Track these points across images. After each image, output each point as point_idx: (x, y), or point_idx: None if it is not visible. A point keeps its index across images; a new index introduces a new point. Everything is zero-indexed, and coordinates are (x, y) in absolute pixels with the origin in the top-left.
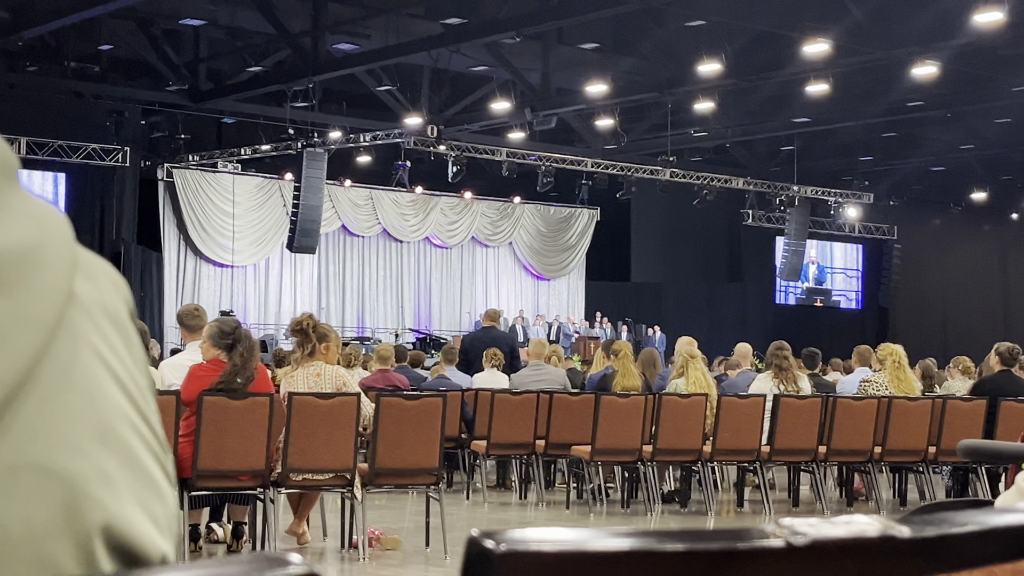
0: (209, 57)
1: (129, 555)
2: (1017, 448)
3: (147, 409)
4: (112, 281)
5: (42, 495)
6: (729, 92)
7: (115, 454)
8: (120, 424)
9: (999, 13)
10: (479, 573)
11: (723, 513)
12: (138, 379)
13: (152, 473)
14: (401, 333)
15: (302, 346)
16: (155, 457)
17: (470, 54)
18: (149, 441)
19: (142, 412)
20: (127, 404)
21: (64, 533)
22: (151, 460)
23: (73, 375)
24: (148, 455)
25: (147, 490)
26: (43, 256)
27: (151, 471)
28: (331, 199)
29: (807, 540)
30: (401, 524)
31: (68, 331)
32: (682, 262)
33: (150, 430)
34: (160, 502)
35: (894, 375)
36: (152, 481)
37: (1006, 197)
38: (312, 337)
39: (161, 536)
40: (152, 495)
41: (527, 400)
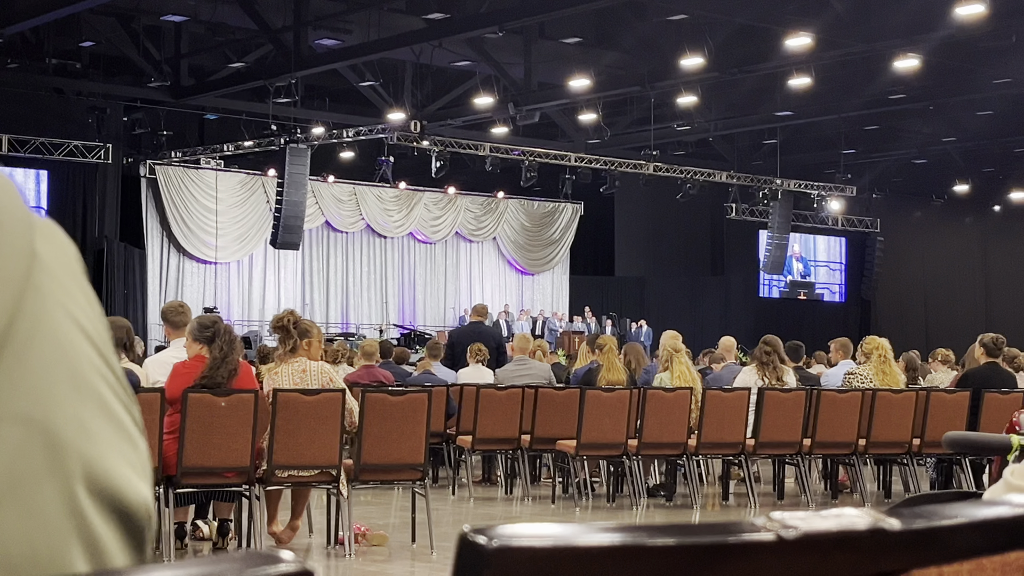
0: (191, 53)
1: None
2: (1002, 440)
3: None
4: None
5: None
6: (711, 86)
7: (89, 403)
8: (91, 374)
9: (980, 6)
10: (471, 569)
11: (708, 506)
12: (101, 331)
13: (123, 420)
14: (385, 329)
15: (284, 343)
16: (123, 405)
17: (452, 49)
18: (117, 389)
19: (108, 362)
20: (95, 354)
21: (47, 479)
22: (120, 408)
23: (44, 329)
24: (117, 403)
25: (120, 436)
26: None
27: (121, 418)
28: (314, 195)
29: (798, 533)
30: (387, 520)
31: (35, 288)
32: (666, 256)
33: (116, 379)
34: (132, 447)
35: (879, 368)
36: (123, 427)
37: (988, 189)
38: (293, 333)
39: (140, 480)
40: (124, 441)
41: (512, 395)
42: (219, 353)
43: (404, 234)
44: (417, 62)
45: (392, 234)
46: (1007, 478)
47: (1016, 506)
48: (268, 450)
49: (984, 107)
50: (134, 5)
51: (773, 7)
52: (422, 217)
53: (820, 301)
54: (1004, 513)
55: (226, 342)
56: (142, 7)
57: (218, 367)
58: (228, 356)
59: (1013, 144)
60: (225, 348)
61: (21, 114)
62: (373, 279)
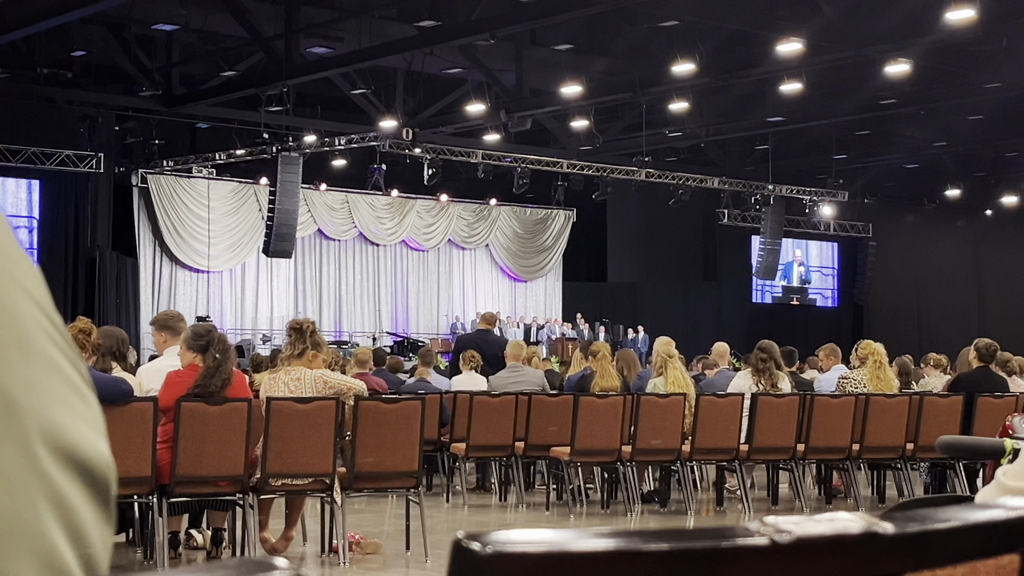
0: (182, 62)
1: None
2: (995, 444)
3: (55, 317)
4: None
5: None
6: (703, 92)
7: (38, 362)
8: (36, 332)
9: (970, 10)
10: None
11: (702, 512)
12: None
13: (72, 377)
14: (378, 337)
15: (294, 346)
16: (71, 362)
17: (444, 56)
18: (62, 346)
19: (51, 319)
20: (38, 312)
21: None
22: (68, 365)
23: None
24: (65, 361)
25: (72, 393)
26: None
27: (71, 375)
28: (307, 203)
29: (791, 538)
30: (381, 528)
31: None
32: (658, 262)
33: (60, 336)
34: (85, 404)
35: (874, 373)
36: (74, 385)
37: (980, 193)
38: (307, 340)
39: (96, 435)
40: (77, 398)
41: (506, 402)
42: (213, 362)
43: (397, 242)
44: (409, 69)
45: (385, 242)
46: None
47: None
48: (262, 458)
49: (975, 111)
50: (125, 14)
51: (764, 13)
52: (415, 225)
53: (813, 306)
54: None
55: (220, 351)
56: (133, 16)
57: (212, 376)
58: (222, 365)
59: (1004, 148)
60: (219, 357)
61: (12, 124)
62: (366, 287)
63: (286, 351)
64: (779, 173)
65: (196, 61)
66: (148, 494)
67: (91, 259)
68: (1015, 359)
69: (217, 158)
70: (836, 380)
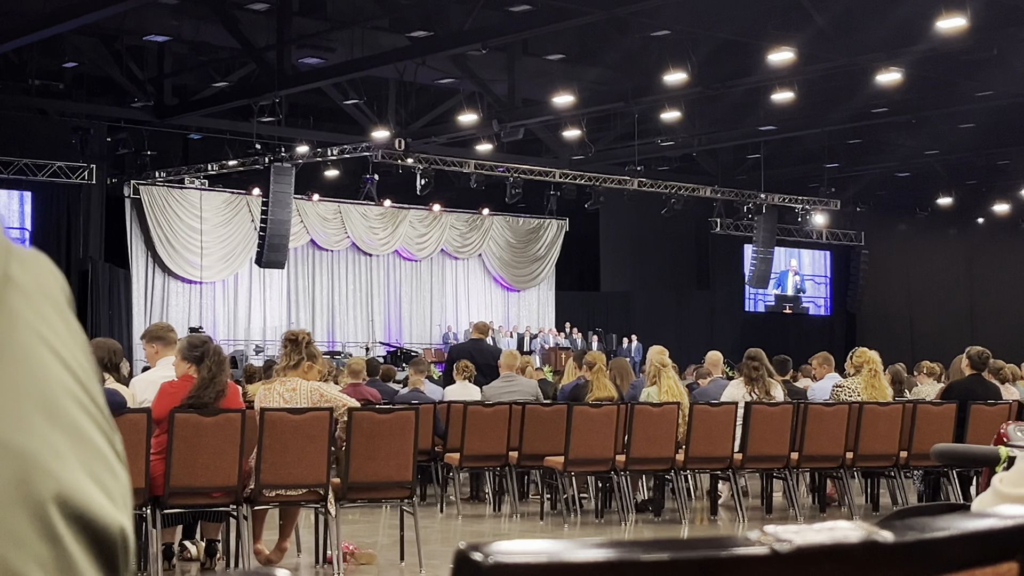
0: (174, 73)
1: (86, 524)
2: (990, 451)
3: (92, 388)
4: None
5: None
6: (695, 101)
7: (62, 428)
8: (65, 399)
9: (961, 19)
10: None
11: (697, 521)
12: (81, 360)
13: (101, 448)
14: (372, 347)
15: (289, 356)
16: (103, 434)
17: (436, 66)
18: (96, 418)
19: (87, 390)
20: (71, 380)
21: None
22: (100, 436)
23: (13, 351)
24: (96, 431)
25: (97, 464)
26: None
27: (100, 446)
28: (299, 214)
29: (791, 547)
30: (375, 538)
31: (6, 312)
32: (651, 271)
33: (97, 408)
34: (112, 476)
35: (869, 382)
36: (102, 455)
37: (971, 202)
38: (302, 351)
39: (116, 508)
40: (103, 469)
41: (499, 412)
42: (207, 373)
43: (389, 252)
44: (401, 80)
45: (377, 252)
46: (996, 487)
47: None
48: (255, 469)
49: (967, 120)
50: (117, 25)
51: (755, 22)
52: (407, 234)
53: (806, 315)
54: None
55: (215, 362)
56: (125, 27)
57: (206, 387)
58: (216, 377)
59: (996, 156)
60: (214, 368)
61: (4, 135)
62: (359, 297)
63: (281, 362)
64: (771, 182)
65: (188, 72)
66: (142, 506)
67: (83, 271)
68: (1008, 367)
69: (209, 169)
70: (830, 388)
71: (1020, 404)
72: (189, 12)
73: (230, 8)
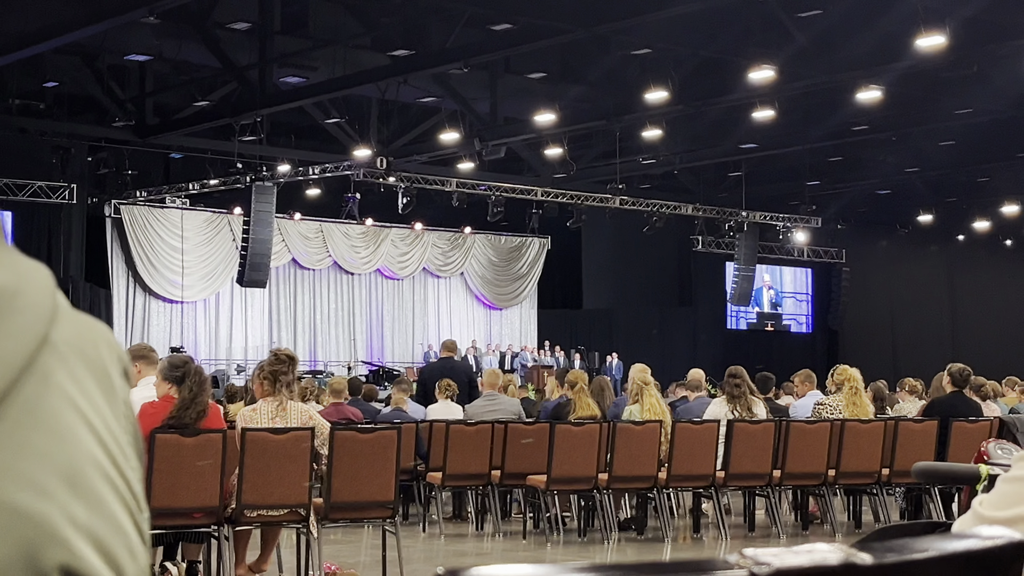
0: (155, 92)
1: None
2: (970, 470)
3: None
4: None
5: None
6: (676, 119)
7: (83, 499)
8: (90, 470)
9: (941, 37)
10: None
11: (679, 539)
12: (116, 432)
13: (123, 524)
14: (354, 366)
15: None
16: (127, 510)
17: (418, 85)
18: (123, 493)
19: (116, 464)
20: (100, 453)
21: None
22: (123, 512)
23: (41, 416)
24: (120, 506)
25: (115, 540)
26: (17, 301)
27: (121, 522)
28: (281, 232)
29: (770, 570)
30: (357, 558)
31: (39, 374)
32: (633, 289)
33: (125, 484)
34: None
35: (850, 399)
36: (122, 532)
37: (952, 218)
38: (290, 375)
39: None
40: (120, 545)
41: (482, 431)
42: (188, 394)
43: (371, 271)
44: (382, 98)
45: (359, 271)
46: (976, 509)
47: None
48: (237, 490)
49: (947, 137)
50: (98, 44)
51: (736, 40)
52: (389, 253)
53: (788, 332)
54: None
55: (196, 383)
56: (106, 46)
57: (187, 408)
58: (198, 397)
59: (976, 173)
60: (195, 389)
61: None
62: (341, 316)
63: (262, 385)
64: (752, 199)
65: (169, 91)
66: None
67: (64, 290)
68: (989, 383)
69: (191, 188)
70: (811, 406)
71: (1001, 421)
72: (170, 31)
73: (211, 27)
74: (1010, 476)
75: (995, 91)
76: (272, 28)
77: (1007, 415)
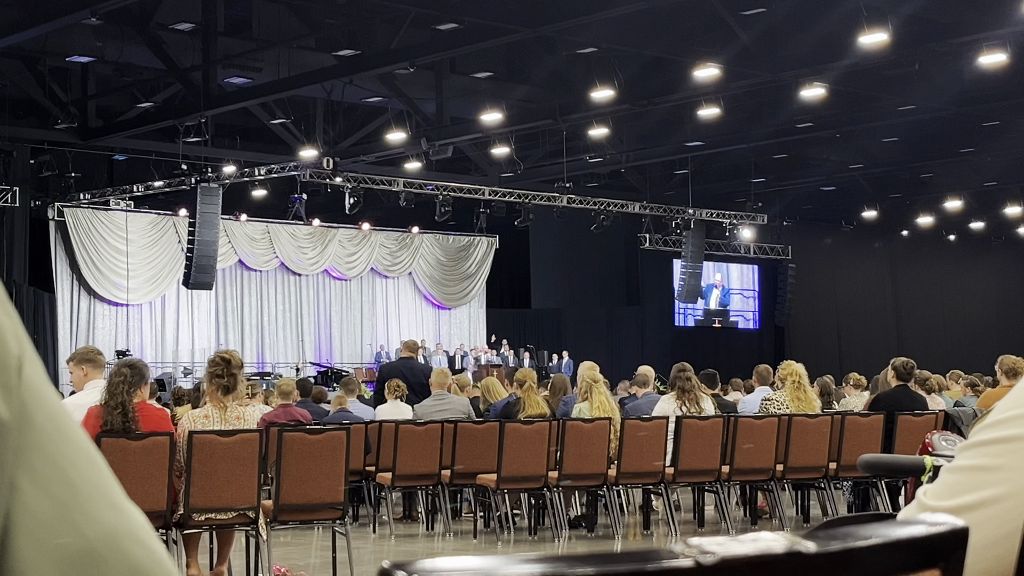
0: (98, 94)
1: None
2: (915, 461)
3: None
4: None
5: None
6: (622, 117)
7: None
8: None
9: (883, 34)
10: None
11: (630, 536)
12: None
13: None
14: (302, 367)
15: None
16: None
17: (363, 85)
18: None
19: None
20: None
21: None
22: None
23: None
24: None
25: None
26: None
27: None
28: (227, 234)
29: (715, 559)
30: (307, 560)
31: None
32: (581, 287)
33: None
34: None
35: (794, 394)
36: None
37: (895, 214)
38: (237, 376)
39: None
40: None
41: (431, 430)
42: (105, 398)
43: (319, 271)
44: (328, 99)
45: (307, 271)
46: (920, 499)
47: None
48: (184, 493)
49: (890, 133)
50: (39, 47)
51: (681, 39)
52: (336, 254)
53: (735, 328)
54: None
55: (112, 386)
56: (47, 48)
57: (109, 412)
58: (109, 401)
59: (919, 169)
60: (108, 392)
61: None
62: (288, 317)
63: (211, 386)
64: (699, 197)
65: (112, 93)
66: None
67: (8, 294)
68: (934, 377)
69: (135, 190)
70: (759, 401)
71: (947, 414)
72: (112, 33)
73: (154, 28)
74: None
75: (937, 88)
76: (216, 29)
77: (952, 408)
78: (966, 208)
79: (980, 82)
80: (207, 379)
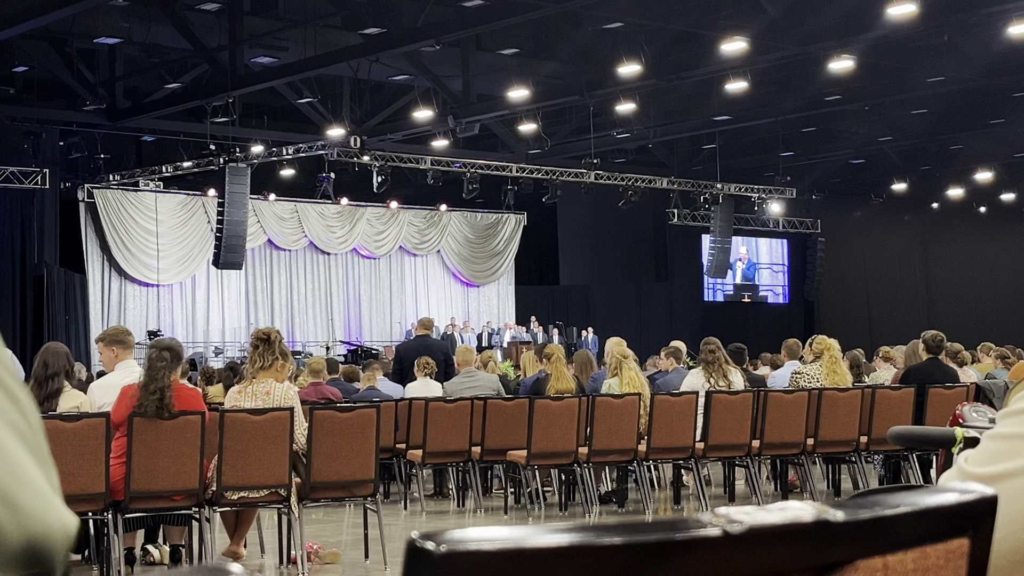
0: (126, 75)
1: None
2: (945, 432)
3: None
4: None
5: None
6: (649, 93)
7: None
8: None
9: (912, 5)
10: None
11: (660, 511)
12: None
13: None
14: (332, 346)
15: (263, 357)
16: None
17: (390, 63)
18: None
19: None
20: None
21: None
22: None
23: None
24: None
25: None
26: None
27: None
28: (256, 214)
29: (743, 528)
30: (339, 537)
31: None
32: (609, 263)
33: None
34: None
35: (829, 368)
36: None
37: (925, 187)
38: (275, 351)
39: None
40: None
41: (461, 407)
42: (142, 381)
43: (347, 250)
44: (355, 77)
45: (335, 250)
46: (961, 465)
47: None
48: (217, 471)
49: (919, 106)
50: (67, 28)
51: (707, 13)
52: (365, 232)
53: (764, 303)
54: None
55: (148, 369)
56: (75, 30)
57: (147, 396)
58: (149, 384)
59: (948, 142)
60: (146, 376)
61: None
62: (318, 296)
63: (256, 362)
64: (727, 172)
65: (140, 74)
66: (103, 511)
67: (38, 276)
68: (965, 351)
69: (164, 171)
70: (789, 375)
71: (978, 387)
72: (139, 14)
73: (181, 9)
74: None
75: (966, 59)
76: (242, 8)
77: (983, 381)
78: (996, 180)
79: (1009, 52)
80: (273, 355)
